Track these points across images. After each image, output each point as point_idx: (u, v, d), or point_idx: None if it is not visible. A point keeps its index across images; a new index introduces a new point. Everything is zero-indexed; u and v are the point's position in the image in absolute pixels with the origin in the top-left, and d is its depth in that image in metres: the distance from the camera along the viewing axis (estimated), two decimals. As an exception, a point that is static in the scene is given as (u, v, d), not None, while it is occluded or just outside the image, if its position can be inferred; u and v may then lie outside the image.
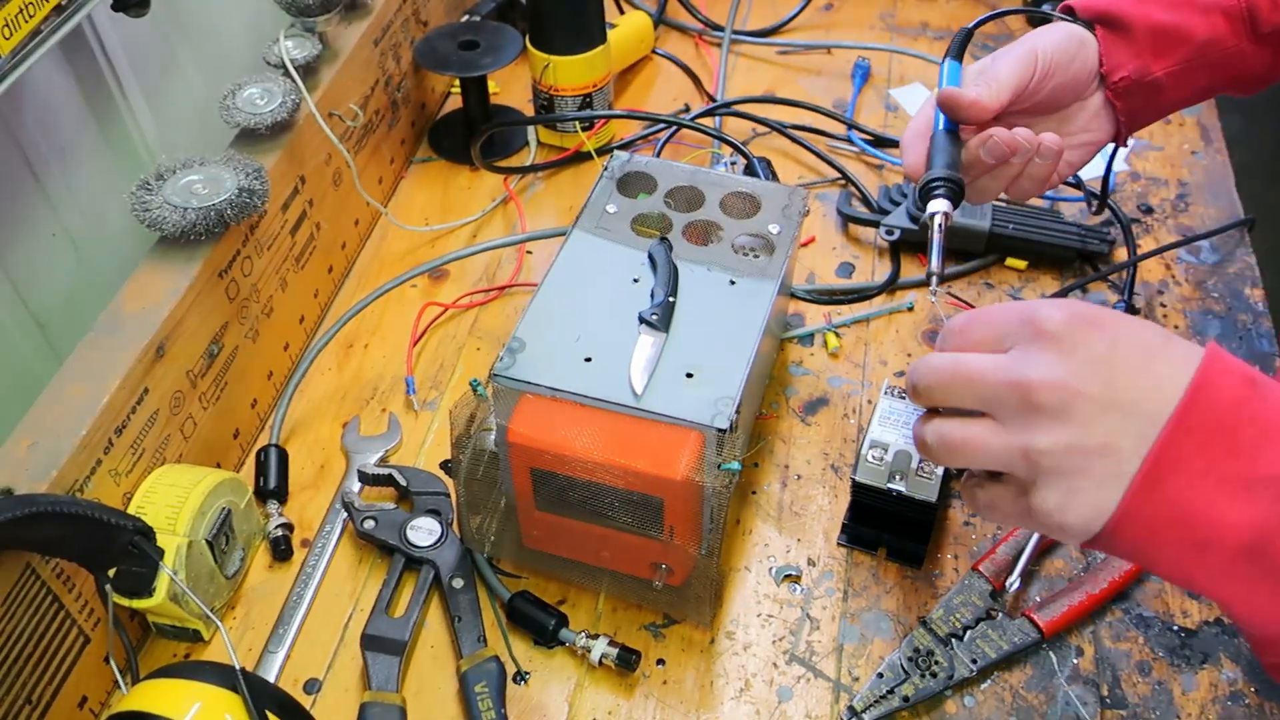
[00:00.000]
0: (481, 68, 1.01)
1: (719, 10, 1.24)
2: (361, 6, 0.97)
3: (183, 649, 0.71)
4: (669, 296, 0.70)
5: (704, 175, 0.81)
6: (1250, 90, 0.73)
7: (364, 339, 0.91)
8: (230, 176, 0.75)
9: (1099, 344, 0.47)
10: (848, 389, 0.86)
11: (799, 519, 0.77)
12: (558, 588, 0.74)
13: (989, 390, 0.50)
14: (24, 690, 0.60)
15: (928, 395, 0.53)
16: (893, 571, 0.74)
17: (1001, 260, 0.95)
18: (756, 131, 1.08)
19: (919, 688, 0.67)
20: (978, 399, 0.50)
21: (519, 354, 0.67)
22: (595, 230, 0.76)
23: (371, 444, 0.82)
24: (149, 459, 0.70)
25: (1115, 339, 0.48)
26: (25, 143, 0.72)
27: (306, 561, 0.75)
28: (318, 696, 0.69)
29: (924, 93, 1.14)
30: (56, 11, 0.66)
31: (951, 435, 0.52)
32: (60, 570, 0.62)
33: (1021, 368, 0.48)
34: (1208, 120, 1.09)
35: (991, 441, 0.50)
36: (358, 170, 0.92)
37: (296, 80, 0.84)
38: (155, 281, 0.72)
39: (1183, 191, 1.02)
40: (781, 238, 0.76)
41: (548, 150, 1.08)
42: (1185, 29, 0.69)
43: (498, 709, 0.66)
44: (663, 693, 0.68)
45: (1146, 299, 0.92)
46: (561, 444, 0.63)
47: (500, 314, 0.93)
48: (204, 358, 0.75)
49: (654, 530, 0.65)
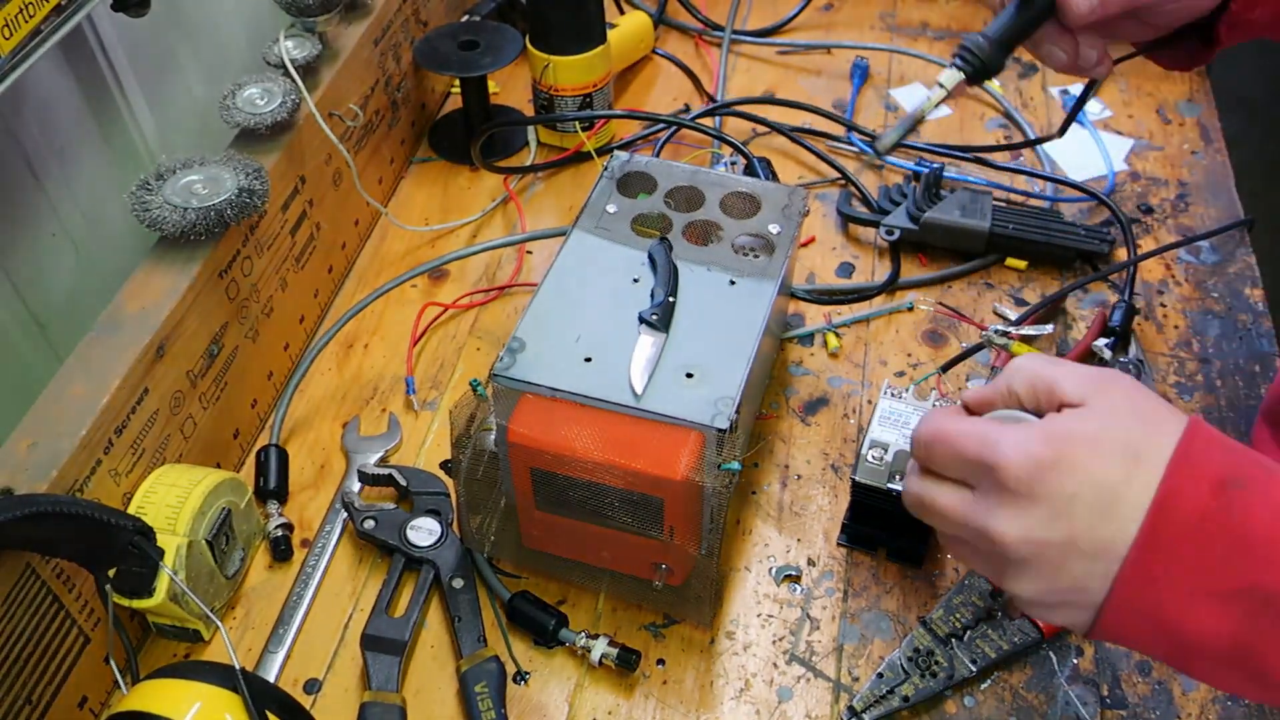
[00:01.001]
0: (481, 68, 1.01)
1: (719, 10, 1.24)
2: (361, 6, 0.97)
3: (183, 649, 0.71)
4: (669, 296, 0.70)
5: (704, 175, 0.81)
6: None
7: (364, 339, 0.91)
8: (230, 176, 0.75)
9: (1061, 492, 0.47)
10: (848, 389, 0.86)
11: (799, 519, 0.77)
12: (558, 588, 0.74)
13: (955, 529, 0.51)
14: (24, 690, 0.60)
15: (909, 497, 0.54)
16: (893, 571, 0.74)
17: (1001, 260, 0.95)
18: (756, 131, 1.08)
19: (919, 688, 0.67)
20: (949, 530, 0.52)
21: (519, 354, 0.67)
22: (595, 230, 0.76)
23: (371, 444, 0.82)
24: (149, 459, 0.70)
25: (1079, 483, 0.46)
26: (25, 143, 0.72)
27: (306, 561, 0.75)
28: (318, 696, 0.69)
29: (924, 93, 1.14)
30: (56, 11, 0.66)
31: (943, 541, 0.54)
32: (60, 570, 0.62)
33: (984, 518, 0.49)
34: (1208, 120, 1.09)
35: (975, 564, 0.53)
36: (358, 170, 0.92)
37: (296, 80, 0.84)
38: (155, 281, 0.72)
39: (1183, 191, 1.02)
40: (781, 238, 0.76)
41: (548, 150, 1.08)
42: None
43: (498, 709, 0.66)
44: (663, 693, 0.68)
45: (1146, 299, 0.92)
46: (561, 444, 0.63)
47: (500, 314, 0.93)
48: (204, 358, 0.75)
49: (654, 530, 0.65)
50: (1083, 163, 1.04)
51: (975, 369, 0.86)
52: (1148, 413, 0.48)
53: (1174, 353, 0.88)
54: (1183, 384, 0.85)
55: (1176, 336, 0.89)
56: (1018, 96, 1.13)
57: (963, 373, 0.86)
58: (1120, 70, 1.15)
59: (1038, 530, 0.47)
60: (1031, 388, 0.51)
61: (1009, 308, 0.91)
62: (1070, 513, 0.46)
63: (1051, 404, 0.50)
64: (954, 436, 0.51)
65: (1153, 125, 1.09)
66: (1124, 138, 1.07)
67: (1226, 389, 0.85)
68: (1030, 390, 0.51)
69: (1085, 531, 0.46)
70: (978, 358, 0.86)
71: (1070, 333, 0.89)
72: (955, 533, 0.51)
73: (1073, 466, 0.47)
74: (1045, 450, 0.47)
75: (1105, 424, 0.48)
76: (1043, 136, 1.06)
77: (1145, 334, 0.89)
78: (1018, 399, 0.52)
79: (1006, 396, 0.52)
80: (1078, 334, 0.89)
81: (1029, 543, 0.47)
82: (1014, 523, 0.47)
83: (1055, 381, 0.50)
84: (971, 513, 0.49)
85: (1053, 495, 0.47)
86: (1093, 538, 0.46)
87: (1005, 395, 0.52)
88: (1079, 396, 0.49)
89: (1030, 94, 1.13)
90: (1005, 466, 0.47)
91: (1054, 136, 0.88)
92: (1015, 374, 0.52)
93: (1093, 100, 1.11)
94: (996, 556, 0.49)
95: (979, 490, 0.50)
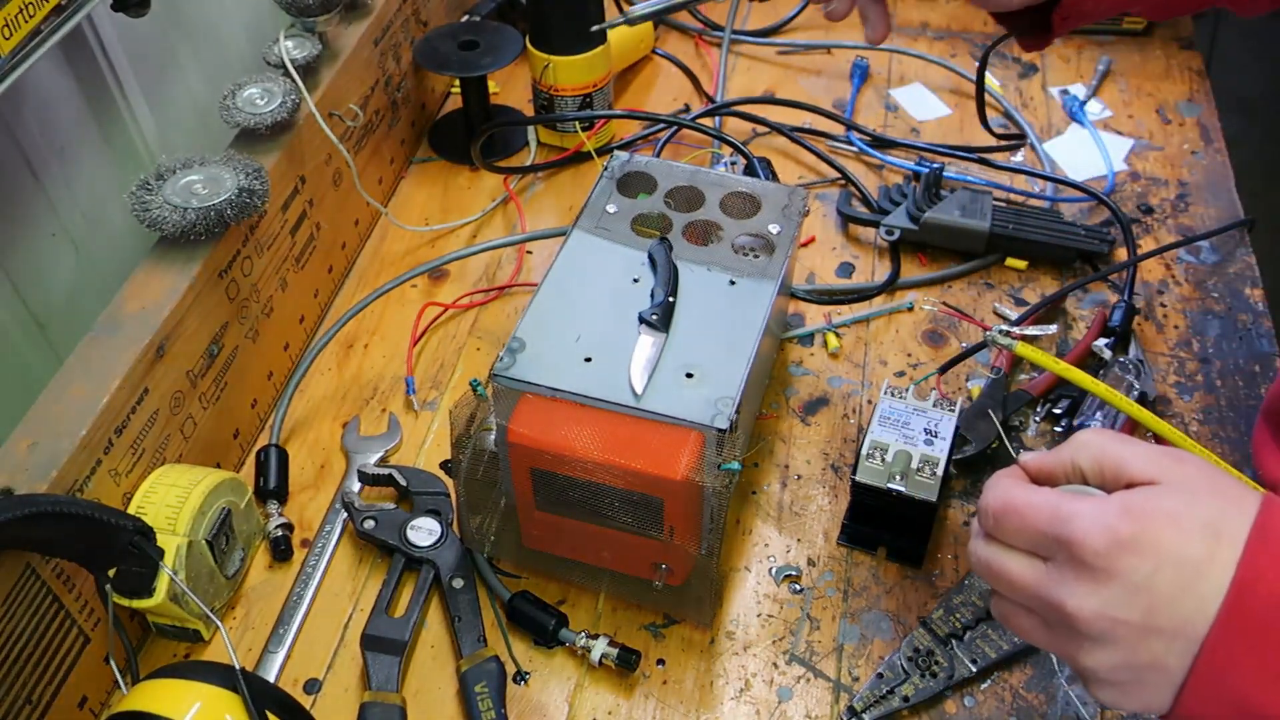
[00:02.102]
0: (481, 68, 1.01)
1: (719, 10, 1.24)
2: (361, 6, 0.97)
3: (183, 649, 0.71)
4: (669, 296, 0.70)
5: (704, 175, 0.81)
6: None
7: (364, 339, 0.91)
8: (230, 176, 0.75)
9: (1138, 571, 0.45)
10: (848, 389, 0.86)
11: (799, 519, 0.77)
12: (558, 588, 0.74)
13: (1026, 600, 0.50)
14: (24, 690, 0.60)
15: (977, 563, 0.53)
16: (893, 571, 0.74)
17: (1001, 260, 0.95)
18: (756, 131, 1.08)
19: (919, 688, 0.67)
20: (1018, 599, 0.50)
21: (519, 354, 0.67)
22: (595, 230, 0.76)
23: (371, 444, 0.82)
24: (149, 459, 0.70)
25: (1157, 563, 0.45)
26: (25, 143, 0.72)
27: (306, 561, 0.75)
28: (318, 696, 0.69)
29: (924, 92, 1.14)
30: (56, 11, 0.66)
31: (1000, 610, 0.52)
32: (60, 570, 0.62)
33: (1059, 592, 0.47)
34: (1208, 120, 1.09)
35: (1037, 637, 0.50)
36: (358, 170, 0.92)
37: (296, 80, 0.84)
38: (155, 281, 0.72)
39: (1183, 191, 1.02)
40: (781, 238, 0.76)
41: (548, 150, 1.08)
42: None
43: (498, 709, 0.66)
44: (663, 693, 0.68)
45: (1146, 299, 0.92)
46: (561, 444, 0.63)
47: (500, 314, 0.93)
48: (204, 358, 0.75)
49: (654, 530, 0.65)
50: (1083, 163, 1.04)
51: (975, 369, 0.86)
52: (1225, 489, 0.47)
53: (1174, 353, 0.88)
54: (1183, 384, 0.85)
55: (1176, 336, 0.89)
56: (1018, 96, 1.13)
57: (963, 373, 0.86)
58: (1120, 70, 1.15)
59: (1116, 607, 0.46)
60: (1098, 464, 0.50)
61: (1009, 308, 0.91)
62: (1150, 590, 0.45)
63: (1119, 482, 0.49)
64: (1025, 508, 0.49)
65: (1153, 125, 1.09)
66: (1124, 138, 1.07)
67: (1226, 389, 0.85)
68: (1096, 466, 0.50)
69: (1165, 609, 0.45)
70: (978, 358, 0.86)
71: (1070, 333, 0.89)
72: (1025, 603, 0.50)
73: (1154, 543, 0.45)
74: (1125, 525, 0.46)
75: (1184, 500, 0.47)
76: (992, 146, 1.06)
77: (1145, 334, 0.89)
78: (1082, 474, 0.51)
79: (1070, 470, 0.51)
80: (1078, 334, 0.89)
81: (1106, 619, 0.46)
82: (1091, 599, 0.46)
83: (1124, 460, 0.49)
84: (1045, 586, 0.48)
85: (1132, 572, 0.45)
86: (1173, 615, 0.45)
87: (1069, 469, 0.51)
88: (1150, 474, 0.48)
89: (1030, 94, 1.13)
90: (1083, 541, 0.46)
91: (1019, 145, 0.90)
92: (1081, 449, 0.51)
93: (1093, 100, 1.11)
94: (1070, 632, 0.48)
95: (1053, 564, 0.48)
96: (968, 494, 0.78)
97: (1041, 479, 0.53)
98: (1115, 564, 0.46)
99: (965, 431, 0.79)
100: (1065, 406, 0.82)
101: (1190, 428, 0.82)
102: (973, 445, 0.78)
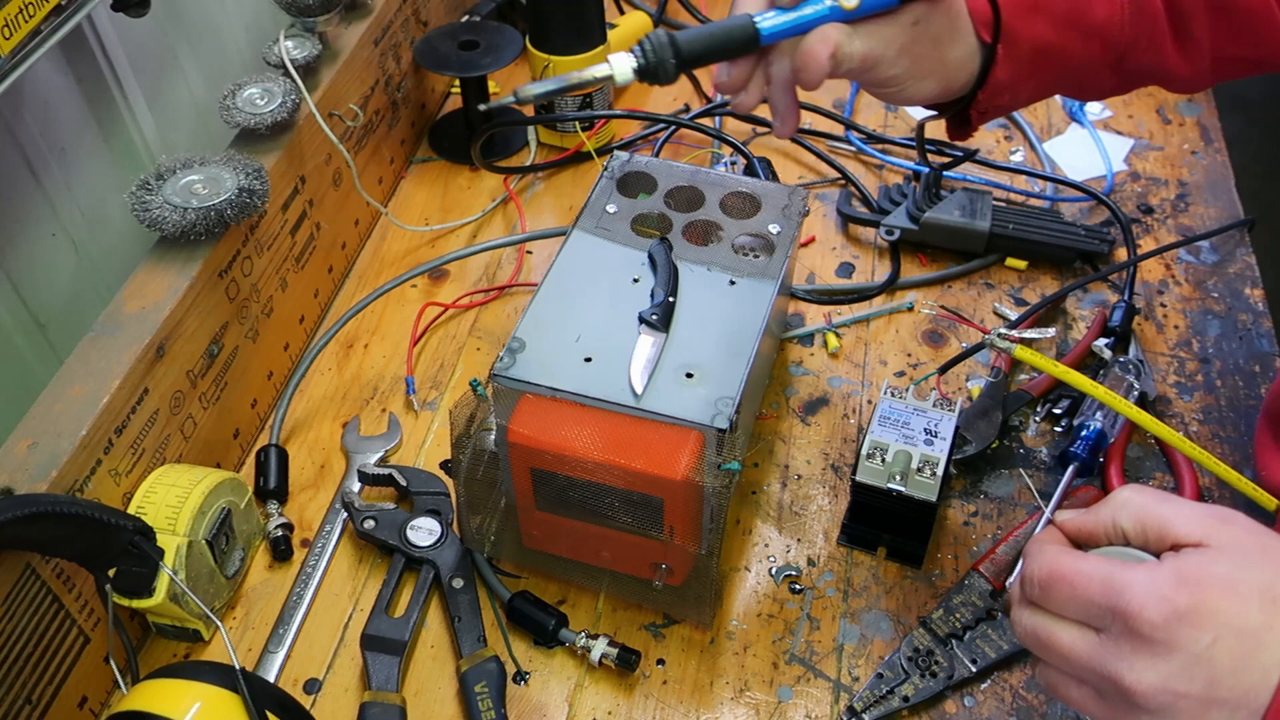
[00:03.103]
0: (481, 68, 1.01)
1: (719, 10, 1.24)
2: (361, 6, 0.97)
3: (183, 649, 0.71)
4: (669, 296, 0.70)
5: (704, 175, 0.81)
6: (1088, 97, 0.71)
7: (364, 339, 0.91)
8: (230, 176, 0.75)
9: (1198, 643, 0.44)
10: (848, 389, 0.86)
11: (799, 519, 0.77)
12: (558, 588, 0.74)
13: (1080, 672, 0.49)
14: (24, 690, 0.60)
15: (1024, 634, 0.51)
16: (893, 571, 0.74)
17: (1001, 260, 0.95)
18: (756, 131, 1.08)
19: (919, 688, 0.67)
20: (1068, 670, 0.49)
21: (519, 354, 0.67)
22: (595, 230, 0.76)
23: (371, 444, 0.82)
24: (149, 459, 0.70)
25: (1216, 634, 0.44)
26: (25, 143, 0.72)
27: (306, 561, 0.75)
28: (318, 696, 0.69)
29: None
30: (56, 11, 0.66)
31: (1048, 679, 0.51)
32: (60, 570, 0.62)
33: (1116, 666, 0.46)
34: (1208, 120, 1.09)
35: (1090, 709, 0.49)
36: (358, 170, 0.92)
37: (296, 80, 0.84)
38: (155, 281, 0.72)
39: (1183, 191, 1.02)
40: (781, 238, 0.76)
41: (548, 150, 1.08)
42: (1065, 51, 0.67)
43: (498, 709, 0.66)
44: (663, 693, 0.68)
45: (1146, 299, 0.92)
46: (561, 444, 0.63)
47: (500, 314, 0.93)
48: (204, 358, 0.75)
49: (654, 530, 0.65)
50: (1083, 163, 1.04)
51: (975, 369, 0.86)
52: (1273, 549, 0.47)
53: (1174, 353, 0.88)
54: (1183, 384, 0.85)
55: (1176, 336, 0.89)
56: (1018, 96, 1.12)
57: (962, 373, 0.86)
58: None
59: (1176, 680, 0.45)
60: (1140, 524, 0.49)
61: (1009, 308, 0.91)
62: (1210, 661, 0.44)
63: (1163, 543, 0.48)
64: (1075, 576, 0.48)
65: (1152, 125, 1.09)
66: (1124, 138, 1.07)
67: (1226, 389, 0.85)
68: (1139, 527, 0.49)
69: (1227, 680, 0.44)
70: (978, 357, 0.86)
71: (1070, 333, 0.89)
72: (1077, 675, 0.49)
73: (1212, 613, 0.45)
74: (1181, 596, 0.45)
75: (1237, 566, 0.46)
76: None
77: (1145, 334, 0.89)
78: (1123, 535, 0.50)
79: (1111, 531, 0.50)
80: (1078, 334, 0.89)
81: (1167, 693, 0.45)
82: (1149, 672, 0.45)
83: (1168, 521, 0.48)
84: (1100, 659, 0.47)
85: (1192, 644, 0.44)
86: (1234, 686, 0.44)
87: (1110, 529, 0.50)
88: (1197, 536, 0.47)
89: (1030, 94, 1.13)
90: (1139, 614, 0.45)
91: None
92: (1121, 509, 0.50)
93: (1093, 100, 1.11)
94: (1128, 705, 0.46)
95: (1107, 635, 0.47)
96: (968, 494, 0.78)
97: (1081, 539, 0.52)
98: (1174, 636, 0.45)
99: (965, 431, 0.79)
100: (1065, 406, 0.82)
101: (1190, 428, 0.82)
102: (973, 445, 0.79)
